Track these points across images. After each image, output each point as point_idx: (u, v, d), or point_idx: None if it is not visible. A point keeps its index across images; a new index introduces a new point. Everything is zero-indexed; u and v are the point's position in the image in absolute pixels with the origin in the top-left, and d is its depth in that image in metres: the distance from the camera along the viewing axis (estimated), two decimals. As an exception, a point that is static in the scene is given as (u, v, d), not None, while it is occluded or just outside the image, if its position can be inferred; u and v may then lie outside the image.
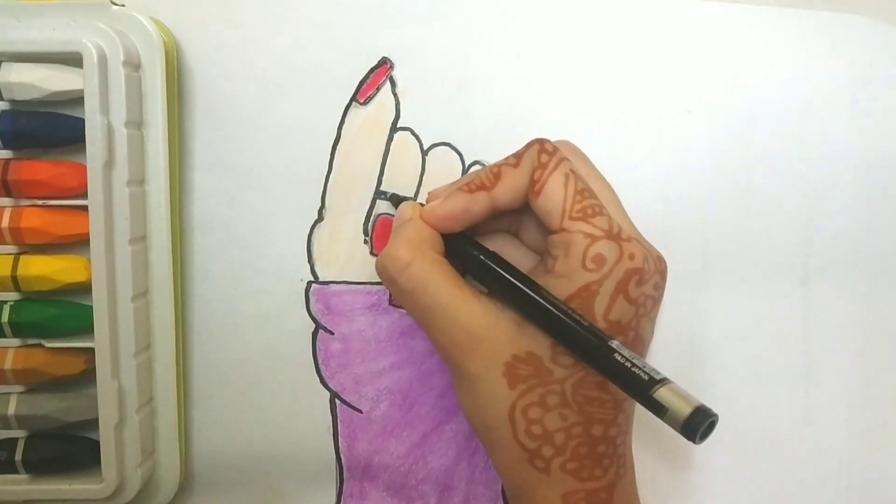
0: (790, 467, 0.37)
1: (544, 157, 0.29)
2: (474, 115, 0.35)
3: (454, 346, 0.29)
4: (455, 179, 0.32)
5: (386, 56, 0.35)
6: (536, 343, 0.28)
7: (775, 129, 0.36)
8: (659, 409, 0.25)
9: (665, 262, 0.30)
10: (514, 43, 0.35)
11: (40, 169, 0.32)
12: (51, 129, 0.32)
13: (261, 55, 0.35)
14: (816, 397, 0.37)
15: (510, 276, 0.29)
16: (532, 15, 0.35)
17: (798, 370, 0.37)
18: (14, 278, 0.32)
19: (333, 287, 0.35)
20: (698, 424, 0.24)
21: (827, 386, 0.37)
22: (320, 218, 0.35)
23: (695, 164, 0.36)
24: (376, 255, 0.35)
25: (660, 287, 0.29)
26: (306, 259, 0.35)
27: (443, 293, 0.28)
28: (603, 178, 0.31)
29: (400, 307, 0.35)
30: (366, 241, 0.35)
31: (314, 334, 0.35)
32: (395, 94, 0.35)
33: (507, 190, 0.30)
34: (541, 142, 0.30)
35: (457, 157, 0.35)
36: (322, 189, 0.35)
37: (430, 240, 0.30)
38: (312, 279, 0.35)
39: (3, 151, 0.32)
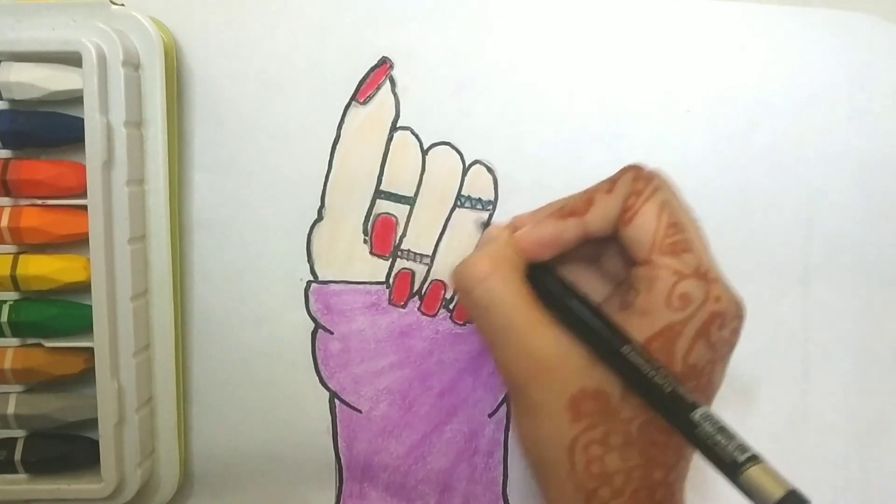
0: (788, 466, 0.37)
1: (639, 184, 0.28)
2: (474, 114, 0.35)
3: (520, 370, 0.28)
4: (545, 204, 0.32)
5: (386, 55, 0.35)
6: (607, 380, 0.27)
7: (774, 128, 0.36)
8: (746, 490, 0.24)
9: (744, 307, 0.28)
10: (514, 42, 0.35)
11: (40, 168, 0.32)
12: (50, 128, 0.32)
13: (261, 55, 0.35)
14: (815, 397, 0.37)
15: (595, 320, 0.28)
16: (532, 14, 0.35)
17: (796, 369, 0.37)
18: (13, 278, 0.32)
19: (333, 287, 0.35)
20: None
21: (825, 385, 0.37)
22: (320, 217, 0.35)
23: (694, 164, 0.36)
24: (376, 255, 0.35)
25: (737, 332, 0.28)
26: (306, 259, 0.35)
27: (516, 314, 0.28)
28: (691, 214, 0.30)
29: (399, 306, 0.35)
30: (365, 241, 0.35)
31: (313, 334, 0.35)
32: (394, 94, 0.35)
33: (600, 216, 0.29)
34: (636, 168, 0.29)
35: (457, 156, 0.35)
36: (322, 189, 0.35)
37: (511, 260, 0.29)
38: (312, 279, 0.35)
39: (3, 151, 0.32)
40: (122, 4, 0.32)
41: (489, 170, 0.35)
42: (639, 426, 0.27)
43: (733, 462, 0.24)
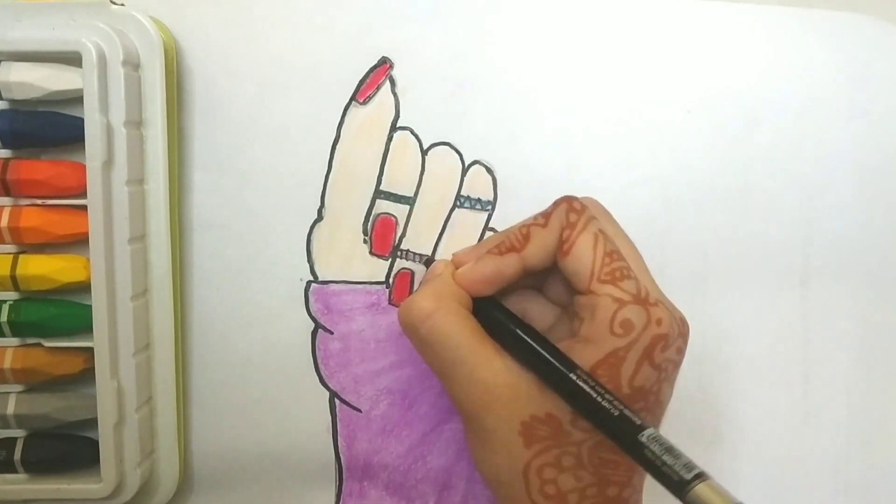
0: (789, 467, 0.37)
1: (573, 217, 0.29)
2: (474, 114, 0.35)
3: (471, 400, 0.28)
4: (479, 241, 0.33)
5: (385, 55, 0.35)
6: (556, 405, 0.28)
7: (774, 128, 0.36)
8: None
9: (688, 324, 0.29)
10: (513, 42, 0.35)
11: (39, 168, 0.32)
12: (50, 128, 0.32)
13: (260, 55, 0.35)
14: (815, 397, 0.37)
15: (542, 349, 0.28)
16: (532, 14, 0.35)
17: (797, 370, 0.37)
18: (13, 277, 0.32)
19: (333, 287, 0.35)
20: None
21: (826, 386, 0.37)
22: (320, 217, 0.35)
23: (695, 164, 0.36)
24: (375, 255, 0.35)
25: (682, 351, 0.29)
26: (306, 259, 0.35)
27: (464, 347, 0.28)
28: (628, 238, 0.31)
29: (399, 306, 0.35)
30: (365, 241, 0.35)
31: (313, 334, 0.35)
32: (394, 94, 0.35)
33: (538, 251, 0.29)
34: (568, 200, 0.30)
35: (456, 156, 0.35)
36: (322, 189, 0.35)
37: (455, 294, 0.30)
38: (312, 279, 0.35)
39: (3, 151, 0.32)
40: (122, 4, 0.32)
41: (488, 170, 0.35)
42: (590, 447, 0.28)
43: (681, 480, 0.25)
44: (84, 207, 0.31)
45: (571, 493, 0.28)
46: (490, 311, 0.30)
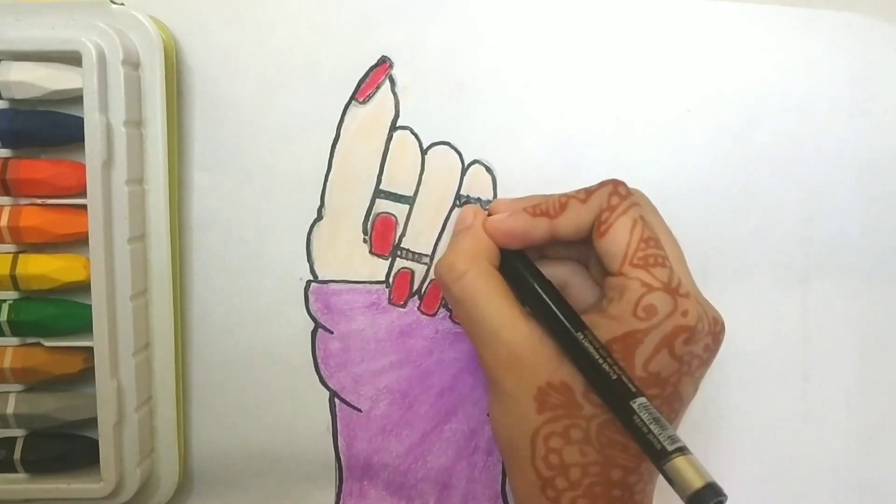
0: (788, 466, 0.37)
1: (615, 200, 0.29)
2: (474, 114, 0.35)
3: (494, 360, 0.29)
4: (524, 196, 0.33)
5: (385, 55, 0.35)
6: (572, 375, 0.28)
7: (775, 128, 0.36)
8: (670, 478, 0.25)
9: (722, 324, 0.29)
10: (514, 42, 0.35)
11: (39, 168, 0.32)
12: (50, 127, 0.32)
13: (260, 54, 0.35)
14: (815, 397, 0.37)
15: (554, 305, 0.29)
16: (532, 14, 0.35)
17: (796, 369, 0.37)
18: (13, 277, 0.32)
19: (333, 286, 0.35)
20: (705, 500, 0.24)
21: (825, 385, 0.37)
22: (320, 217, 0.35)
23: (694, 164, 0.36)
24: (375, 255, 0.35)
25: (710, 349, 0.29)
26: (306, 258, 0.35)
27: (492, 308, 0.29)
28: (670, 232, 0.31)
29: (399, 306, 0.35)
30: (365, 241, 0.35)
31: (313, 333, 0.35)
32: (394, 93, 0.35)
33: (570, 223, 0.30)
34: (615, 183, 0.30)
35: (456, 156, 0.35)
36: (322, 188, 0.35)
37: (487, 251, 0.31)
38: (312, 278, 0.35)
39: (3, 150, 0.32)
40: (122, 4, 0.32)
41: (488, 169, 0.35)
42: (599, 424, 0.28)
43: (662, 450, 0.25)
44: (84, 207, 0.31)
45: (574, 466, 0.28)
46: (514, 265, 0.31)
